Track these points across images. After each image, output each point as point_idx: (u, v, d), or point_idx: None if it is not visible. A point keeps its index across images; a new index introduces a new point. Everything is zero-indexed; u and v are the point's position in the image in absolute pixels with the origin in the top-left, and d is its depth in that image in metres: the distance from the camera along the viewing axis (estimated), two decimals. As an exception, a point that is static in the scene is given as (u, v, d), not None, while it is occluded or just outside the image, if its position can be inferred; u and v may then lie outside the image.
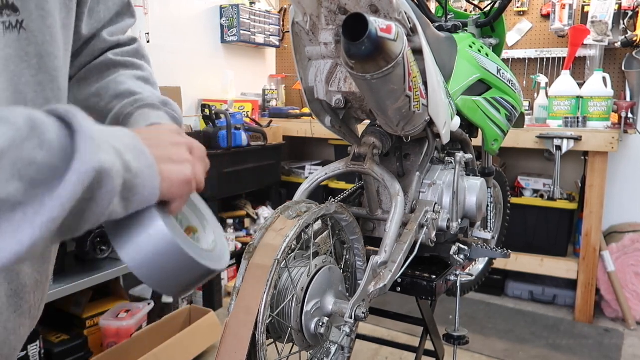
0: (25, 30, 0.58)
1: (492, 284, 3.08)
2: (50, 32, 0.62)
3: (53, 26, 0.62)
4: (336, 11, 0.93)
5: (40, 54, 0.61)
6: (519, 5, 3.27)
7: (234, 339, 0.80)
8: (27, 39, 0.59)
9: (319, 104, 1.11)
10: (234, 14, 3.40)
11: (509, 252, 1.36)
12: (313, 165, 3.56)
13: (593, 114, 2.81)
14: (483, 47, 1.42)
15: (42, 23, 0.60)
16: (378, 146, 1.14)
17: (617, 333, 2.70)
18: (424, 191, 1.25)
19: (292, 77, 4.02)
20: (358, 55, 0.78)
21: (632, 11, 2.92)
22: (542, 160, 3.16)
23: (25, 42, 0.59)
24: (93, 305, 2.31)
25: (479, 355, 2.43)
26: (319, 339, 0.94)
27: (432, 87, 0.99)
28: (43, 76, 0.62)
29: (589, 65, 3.09)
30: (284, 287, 0.90)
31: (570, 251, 3.01)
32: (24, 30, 0.58)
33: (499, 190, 1.88)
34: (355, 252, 1.14)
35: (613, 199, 3.09)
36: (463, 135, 1.36)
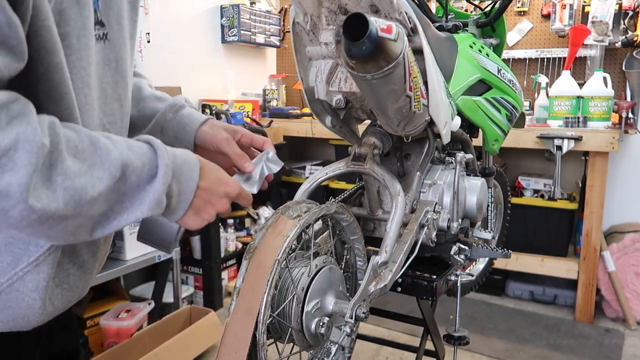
0: (109, 40, 0.73)
1: (492, 284, 3.08)
2: (123, 41, 0.77)
3: (125, 36, 0.78)
4: (337, 11, 0.93)
5: (117, 59, 0.76)
6: (520, 5, 3.27)
7: (235, 339, 0.80)
8: (109, 48, 0.74)
9: (320, 104, 1.11)
10: (234, 13, 3.40)
11: (509, 252, 1.36)
12: (313, 165, 3.56)
13: (593, 114, 2.80)
14: (483, 47, 1.42)
15: (120, 34, 0.76)
16: (378, 146, 1.14)
17: (618, 333, 2.70)
18: (425, 191, 1.25)
19: (292, 77, 4.02)
20: (358, 55, 0.78)
21: (633, 11, 2.92)
22: (542, 160, 3.16)
23: (108, 50, 0.74)
24: (93, 305, 2.31)
25: (479, 355, 2.43)
26: (320, 339, 0.94)
27: (432, 87, 0.99)
28: (118, 76, 0.77)
29: (590, 65, 3.09)
30: (284, 287, 0.90)
31: (571, 251, 3.01)
32: (107, 41, 0.73)
33: (499, 190, 1.88)
34: (356, 252, 1.14)
35: (613, 199, 3.08)
36: (463, 135, 1.36)
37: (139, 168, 0.64)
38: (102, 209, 0.61)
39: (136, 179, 0.64)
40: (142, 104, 0.97)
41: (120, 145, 0.63)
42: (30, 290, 0.66)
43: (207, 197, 0.75)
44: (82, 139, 0.59)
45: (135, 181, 0.64)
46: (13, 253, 0.64)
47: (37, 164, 0.52)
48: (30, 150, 0.51)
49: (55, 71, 0.58)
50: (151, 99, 0.98)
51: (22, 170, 0.50)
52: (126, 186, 0.63)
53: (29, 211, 0.52)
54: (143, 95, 0.98)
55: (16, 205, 0.51)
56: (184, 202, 0.72)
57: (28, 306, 0.66)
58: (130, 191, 0.64)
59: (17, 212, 0.52)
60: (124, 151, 0.63)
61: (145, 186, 0.65)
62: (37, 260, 0.65)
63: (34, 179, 0.52)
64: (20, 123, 0.51)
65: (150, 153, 0.67)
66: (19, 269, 0.64)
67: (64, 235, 0.60)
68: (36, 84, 0.57)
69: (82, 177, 0.57)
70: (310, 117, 3.39)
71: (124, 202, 0.64)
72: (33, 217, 0.53)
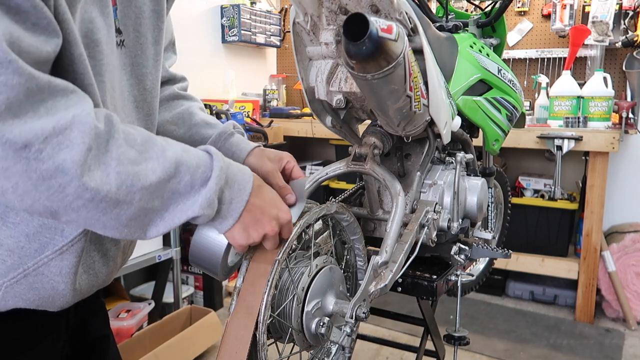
0: (125, 47, 0.78)
1: (492, 284, 3.08)
2: (141, 48, 0.81)
3: (145, 43, 0.82)
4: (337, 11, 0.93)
5: (132, 64, 0.80)
6: (520, 5, 3.27)
7: (235, 339, 0.80)
8: (125, 53, 0.78)
9: (320, 104, 1.11)
10: (234, 14, 3.40)
11: (509, 252, 1.36)
12: (314, 165, 3.56)
13: (594, 114, 2.80)
14: (484, 47, 1.42)
15: (136, 41, 0.80)
16: (379, 146, 1.14)
17: (618, 333, 2.70)
18: (425, 191, 1.25)
19: (292, 77, 4.02)
20: (359, 56, 0.78)
21: (633, 11, 2.92)
22: (542, 160, 3.16)
23: (123, 56, 0.78)
24: (94, 305, 2.31)
25: (479, 355, 2.43)
26: (320, 339, 0.94)
27: (433, 87, 0.99)
28: (133, 80, 0.81)
29: (590, 65, 3.09)
30: (284, 287, 0.90)
31: (571, 251, 3.01)
32: (124, 47, 0.78)
33: (499, 190, 1.88)
34: (356, 252, 1.14)
35: (614, 199, 3.08)
36: (464, 135, 1.36)
37: (193, 167, 0.67)
38: (154, 203, 0.64)
39: (190, 178, 0.67)
40: (193, 130, 1.04)
41: (176, 146, 0.68)
42: (54, 275, 0.71)
43: (258, 215, 0.77)
44: (139, 134, 0.64)
45: (189, 180, 0.67)
46: (40, 241, 0.69)
47: (90, 144, 0.56)
48: (84, 131, 0.56)
49: (78, 62, 0.62)
50: (202, 125, 1.04)
51: (76, 148, 0.55)
52: (180, 185, 0.66)
53: (82, 189, 0.57)
54: (194, 122, 1.04)
55: (71, 182, 0.56)
56: (235, 212, 0.74)
57: (52, 288, 0.71)
58: (184, 190, 0.67)
59: (72, 189, 0.56)
60: (179, 151, 0.67)
61: (199, 187, 0.68)
62: (62, 249, 0.70)
63: (88, 158, 0.56)
64: (77, 108, 0.57)
65: (206, 157, 0.71)
66: (44, 255, 0.69)
67: (117, 225, 0.63)
68: (64, 75, 0.61)
69: (136, 165, 0.61)
70: (310, 117, 3.39)
71: (177, 201, 0.67)
72: (87, 195, 0.57)
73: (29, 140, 0.53)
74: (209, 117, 1.06)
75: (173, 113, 1.05)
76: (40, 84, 0.54)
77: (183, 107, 1.06)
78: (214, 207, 0.70)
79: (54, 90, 0.55)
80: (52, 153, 0.54)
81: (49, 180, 0.55)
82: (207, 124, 1.04)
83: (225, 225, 0.75)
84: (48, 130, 0.54)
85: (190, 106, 1.07)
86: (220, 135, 1.02)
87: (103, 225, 0.63)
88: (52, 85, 0.55)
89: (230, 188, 0.73)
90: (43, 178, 0.55)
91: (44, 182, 0.55)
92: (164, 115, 1.04)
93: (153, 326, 2.27)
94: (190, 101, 1.09)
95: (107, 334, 1.01)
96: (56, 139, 0.54)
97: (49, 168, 0.54)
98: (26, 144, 0.53)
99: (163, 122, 1.04)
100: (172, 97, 1.07)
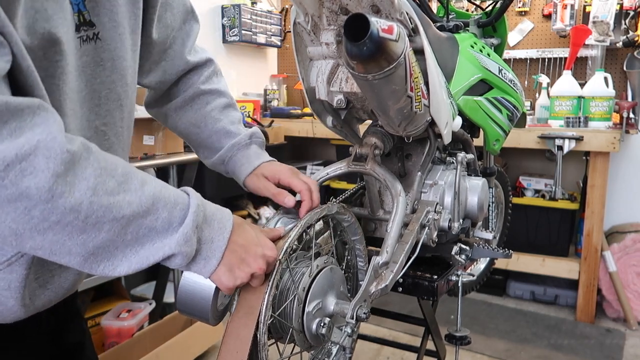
0: (101, 40, 0.72)
1: (493, 284, 3.08)
2: (120, 39, 0.75)
3: (123, 33, 0.76)
4: (337, 11, 0.92)
5: (112, 57, 0.74)
6: (521, 5, 3.27)
7: (236, 339, 0.80)
8: (102, 47, 0.72)
9: (321, 104, 1.11)
10: (235, 13, 3.40)
11: (510, 252, 1.35)
12: (315, 165, 3.56)
13: (594, 114, 2.80)
14: (484, 47, 1.42)
15: (115, 32, 0.74)
16: (379, 146, 1.14)
17: (619, 333, 2.70)
18: (426, 191, 1.25)
19: (293, 77, 4.02)
20: (359, 56, 0.78)
21: (634, 11, 2.92)
22: (543, 160, 3.16)
23: (100, 50, 0.72)
24: (94, 305, 2.32)
25: (480, 355, 2.43)
26: (321, 340, 0.94)
27: (433, 88, 0.99)
28: (115, 75, 0.76)
29: (591, 65, 3.09)
30: (285, 287, 0.90)
31: (572, 251, 3.01)
32: (99, 40, 0.71)
33: (500, 190, 1.88)
34: (357, 253, 1.14)
35: (614, 199, 3.08)
36: (464, 135, 1.35)
37: (171, 204, 0.65)
38: (126, 237, 0.61)
39: (167, 215, 0.64)
40: (214, 137, 1.04)
41: (155, 182, 0.66)
42: (2, 289, 0.67)
43: (243, 254, 0.74)
44: (120, 164, 0.62)
45: (166, 217, 0.64)
46: None
47: (57, 170, 0.54)
48: (49, 157, 0.53)
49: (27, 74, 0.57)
50: (222, 133, 1.04)
51: (40, 175, 0.53)
52: (157, 222, 0.63)
53: (49, 211, 0.54)
54: (216, 128, 1.04)
55: (37, 205, 0.54)
56: (217, 251, 0.71)
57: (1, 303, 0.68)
58: (161, 227, 0.64)
59: (38, 212, 0.54)
60: (158, 187, 0.65)
61: (177, 225, 0.65)
62: (9, 261, 0.66)
63: (56, 184, 0.54)
64: (43, 131, 0.53)
65: (184, 195, 0.68)
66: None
67: (83, 252, 0.59)
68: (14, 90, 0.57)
69: (112, 196, 0.59)
70: (311, 117, 3.39)
71: (154, 239, 0.64)
72: (53, 218, 0.55)
73: None
74: (231, 125, 1.05)
75: (197, 114, 1.04)
76: None
77: (207, 109, 1.04)
78: (192, 245, 0.67)
79: (15, 110, 0.52)
80: (15, 180, 0.52)
81: (14, 202, 0.53)
82: (227, 133, 1.04)
83: (210, 267, 0.71)
84: (10, 157, 0.51)
85: (215, 107, 1.04)
86: (233, 146, 1.02)
87: (68, 251, 0.59)
88: (13, 105, 0.52)
89: (209, 226, 0.70)
90: (8, 201, 0.53)
91: (9, 204, 0.53)
92: (188, 117, 1.04)
93: (154, 326, 2.27)
94: (216, 98, 1.06)
95: (82, 341, 0.98)
96: (19, 165, 0.52)
97: (13, 193, 0.52)
98: None
99: (187, 123, 1.04)
100: (196, 96, 1.04)
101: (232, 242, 0.73)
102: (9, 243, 0.56)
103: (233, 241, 0.73)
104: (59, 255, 0.59)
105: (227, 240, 0.72)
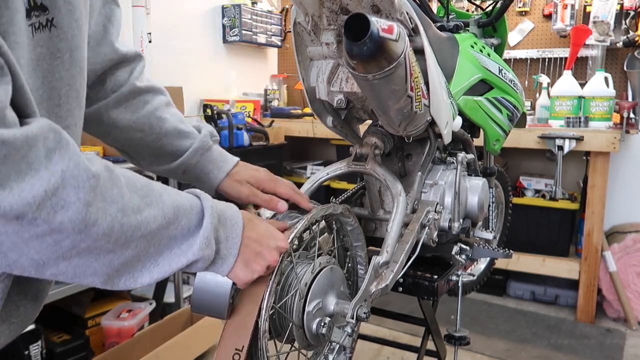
0: (56, 27, 0.60)
1: (493, 284, 3.08)
2: (77, 25, 0.64)
3: (80, 18, 0.64)
4: (338, 11, 0.93)
5: (70, 48, 0.63)
6: (521, 5, 3.27)
7: (238, 325, 0.80)
8: (58, 36, 0.61)
9: (321, 104, 1.11)
10: (235, 13, 3.40)
11: (510, 252, 1.36)
12: (315, 165, 3.56)
13: (595, 114, 2.80)
14: (485, 47, 1.42)
15: (71, 17, 0.62)
16: (380, 146, 1.14)
17: (619, 333, 2.70)
18: (426, 191, 1.25)
19: (294, 77, 4.02)
20: (360, 56, 0.78)
21: (634, 11, 2.92)
22: (543, 160, 3.16)
23: (57, 39, 0.60)
24: (95, 305, 2.32)
25: (480, 355, 2.43)
26: (321, 339, 0.94)
27: (433, 87, 0.99)
28: (75, 69, 0.65)
29: (591, 65, 3.09)
30: (287, 282, 0.90)
31: (572, 251, 3.00)
32: (54, 28, 0.60)
33: (500, 190, 1.88)
34: (358, 260, 1.14)
35: (615, 199, 3.08)
36: (465, 135, 1.35)
37: (188, 210, 0.64)
38: (149, 250, 0.60)
39: (186, 221, 0.63)
40: (164, 140, 0.93)
41: (169, 190, 0.64)
42: None
43: (258, 248, 0.74)
44: (138, 178, 0.60)
45: (185, 224, 0.63)
46: None
47: (87, 199, 0.51)
48: (77, 186, 0.50)
49: (21, 94, 0.51)
50: (174, 134, 0.94)
51: (72, 207, 0.50)
52: (177, 230, 0.62)
53: (80, 240, 0.52)
54: (165, 130, 0.93)
55: (68, 237, 0.51)
56: (233, 248, 0.71)
57: None
58: (180, 234, 0.63)
59: (69, 242, 0.52)
60: (174, 195, 0.63)
61: (194, 229, 0.64)
62: None
63: (89, 213, 0.51)
64: (62, 158, 0.49)
65: (195, 199, 0.67)
66: None
67: (108, 271, 0.58)
68: None
69: (139, 214, 0.57)
70: (311, 117, 3.39)
71: (172, 246, 0.62)
72: (83, 245, 0.53)
73: (21, 212, 0.47)
74: (180, 123, 0.95)
75: (137, 116, 0.91)
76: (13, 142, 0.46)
77: (148, 109, 0.92)
78: (212, 248, 0.66)
79: (30, 141, 0.47)
80: (47, 218, 0.48)
81: (43, 238, 0.50)
82: (180, 133, 0.94)
83: (227, 266, 0.71)
84: (40, 195, 0.47)
85: (157, 107, 0.93)
86: (197, 151, 0.95)
87: (93, 272, 0.56)
88: (25, 137, 0.47)
89: (223, 226, 0.69)
90: (36, 237, 0.50)
91: (37, 240, 0.50)
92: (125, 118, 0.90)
93: (154, 326, 2.27)
94: (155, 96, 0.94)
95: None
96: (49, 202, 0.48)
97: (44, 230, 0.49)
98: (18, 216, 0.47)
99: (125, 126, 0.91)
100: (133, 94, 0.91)
101: (245, 238, 0.72)
102: (26, 272, 0.53)
103: (246, 236, 0.73)
104: (82, 277, 0.57)
105: (241, 237, 0.72)
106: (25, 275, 0.54)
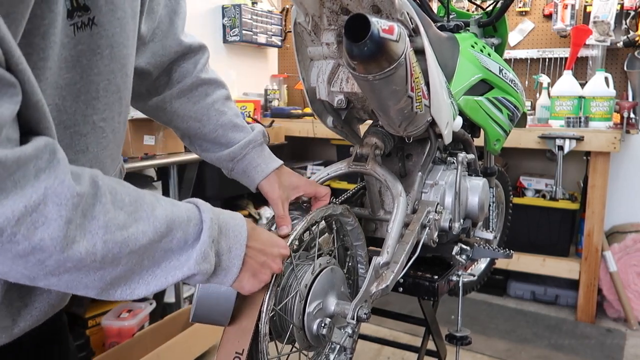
0: (97, 25, 0.64)
1: (494, 284, 3.08)
2: (120, 24, 0.67)
3: (123, 17, 0.68)
4: (338, 11, 0.92)
5: (111, 45, 0.67)
6: (521, 5, 3.27)
7: (238, 329, 0.80)
8: (98, 33, 0.64)
9: (321, 104, 1.11)
10: (236, 13, 3.40)
11: (511, 252, 1.35)
12: (315, 165, 3.56)
13: (595, 114, 2.80)
14: (485, 47, 1.42)
15: (112, 16, 0.66)
16: (380, 146, 1.14)
17: (619, 333, 2.70)
18: (426, 191, 1.25)
19: (294, 77, 4.02)
20: (360, 56, 0.78)
21: (634, 11, 2.92)
22: (544, 160, 3.16)
23: (97, 37, 0.64)
24: (95, 305, 2.31)
25: (480, 355, 2.43)
26: (321, 340, 0.94)
27: (434, 88, 0.99)
28: (115, 65, 0.68)
29: (591, 65, 3.09)
30: (287, 284, 0.90)
31: (572, 251, 3.00)
32: (95, 26, 0.63)
33: (501, 190, 1.88)
34: (358, 260, 1.14)
35: (615, 199, 3.08)
36: (465, 135, 1.35)
37: (185, 222, 0.63)
38: (143, 263, 0.60)
39: (182, 234, 0.63)
40: (220, 131, 0.97)
41: (165, 202, 0.63)
42: None
43: (262, 258, 0.74)
44: (127, 191, 0.59)
45: (182, 236, 0.63)
46: None
47: (69, 217, 0.51)
48: (59, 203, 0.50)
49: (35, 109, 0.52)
50: (229, 127, 0.98)
51: (53, 224, 0.50)
52: (173, 243, 0.62)
53: (64, 260, 0.52)
54: (222, 122, 0.97)
55: (51, 256, 0.51)
56: (237, 259, 0.70)
57: None
58: (176, 247, 0.62)
59: (53, 262, 0.52)
60: (169, 207, 0.62)
61: (192, 242, 0.64)
62: None
63: (69, 231, 0.51)
64: (49, 176, 0.49)
65: (194, 209, 0.66)
66: None
67: (101, 285, 0.58)
68: None
69: (125, 230, 0.56)
70: (311, 117, 3.39)
71: (170, 258, 0.62)
72: (69, 264, 0.53)
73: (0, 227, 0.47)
74: (236, 118, 1.00)
75: (197, 107, 0.97)
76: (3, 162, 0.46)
77: (208, 101, 0.97)
78: (210, 262, 0.65)
79: (21, 162, 0.47)
80: (27, 234, 0.48)
81: (27, 257, 0.50)
82: (235, 127, 0.98)
83: (231, 277, 0.70)
84: (19, 211, 0.47)
85: (216, 99, 0.98)
86: (249, 143, 0.98)
87: (85, 286, 0.57)
88: (17, 157, 0.47)
89: (225, 237, 0.69)
90: (20, 256, 0.49)
91: (21, 259, 0.50)
92: (186, 109, 0.96)
93: (154, 326, 2.27)
94: (216, 89, 1.00)
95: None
96: (29, 218, 0.48)
97: (25, 248, 0.49)
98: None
99: (185, 116, 0.97)
100: (195, 86, 0.97)
101: (249, 248, 0.72)
102: (21, 282, 0.54)
103: (250, 247, 0.72)
104: (76, 289, 0.57)
105: (244, 248, 0.71)
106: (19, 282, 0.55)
